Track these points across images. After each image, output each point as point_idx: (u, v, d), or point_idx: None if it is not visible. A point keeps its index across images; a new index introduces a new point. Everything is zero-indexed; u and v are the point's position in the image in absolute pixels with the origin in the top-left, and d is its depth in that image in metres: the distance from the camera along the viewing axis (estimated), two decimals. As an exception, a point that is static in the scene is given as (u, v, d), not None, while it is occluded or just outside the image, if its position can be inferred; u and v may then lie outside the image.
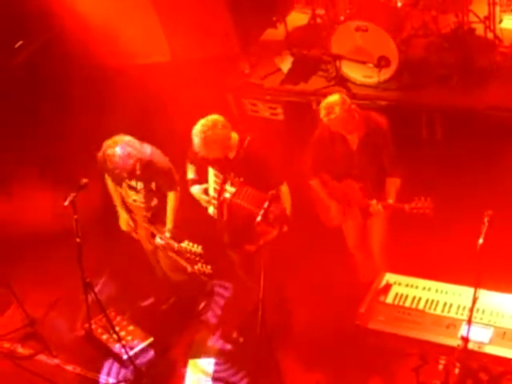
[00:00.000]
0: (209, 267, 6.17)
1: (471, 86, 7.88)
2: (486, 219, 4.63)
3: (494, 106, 7.61)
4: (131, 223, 6.83)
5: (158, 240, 6.55)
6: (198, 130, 5.92)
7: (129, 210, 6.80)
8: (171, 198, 6.51)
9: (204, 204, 6.38)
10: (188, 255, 6.19)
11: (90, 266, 6.20)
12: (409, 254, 6.83)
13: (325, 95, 6.12)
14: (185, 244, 6.19)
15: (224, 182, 6.08)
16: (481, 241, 4.53)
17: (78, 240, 5.85)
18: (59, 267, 7.53)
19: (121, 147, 6.12)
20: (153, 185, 6.48)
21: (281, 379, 5.38)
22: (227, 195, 6.05)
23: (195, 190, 6.40)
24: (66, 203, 5.87)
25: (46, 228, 7.79)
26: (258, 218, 5.28)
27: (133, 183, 6.48)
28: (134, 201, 6.63)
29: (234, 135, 6.06)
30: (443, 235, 6.87)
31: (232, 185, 6.02)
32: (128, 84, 8.39)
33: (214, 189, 6.24)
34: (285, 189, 6.11)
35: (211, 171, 6.24)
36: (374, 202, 5.98)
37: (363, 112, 6.08)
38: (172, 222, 6.51)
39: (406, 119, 7.81)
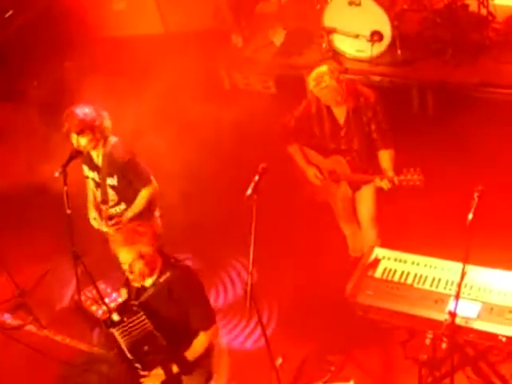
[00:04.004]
0: None
1: (464, 62, 7.89)
2: (475, 194, 4.63)
3: (486, 82, 7.62)
4: (98, 220, 6.50)
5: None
6: None
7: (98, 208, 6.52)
8: (141, 194, 6.22)
9: None
10: None
11: (81, 239, 6.19)
12: (398, 228, 6.84)
13: (308, 82, 6.08)
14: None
15: None
16: (470, 216, 4.54)
17: (68, 211, 5.82)
18: (50, 239, 7.52)
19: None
20: (113, 180, 6.19)
21: (270, 353, 5.40)
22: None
23: None
24: (57, 174, 5.84)
25: (37, 197, 7.77)
26: None
27: (91, 174, 6.29)
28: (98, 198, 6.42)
29: None
30: (433, 210, 6.89)
31: None
32: (121, 55, 8.34)
33: None
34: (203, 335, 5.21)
35: None
36: (377, 179, 5.97)
37: (351, 85, 6.06)
38: (129, 217, 6.25)
39: (397, 94, 7.81)
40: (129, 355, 5.13)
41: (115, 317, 5.00)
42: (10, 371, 6.80)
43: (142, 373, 5.18)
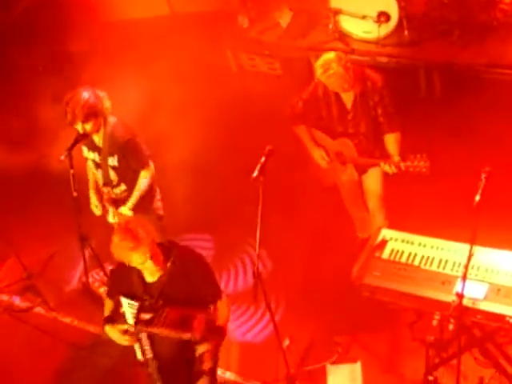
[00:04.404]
0: None
1: (471, 43, 7.84)
2: (483, 176, 4.61)
3: (493, 63, 7.58)
4: (100, 208, 6.48)
5: (109, 217, 6.31)
6: None
7: (99, 193, 6.49)
8: (140, 177, 6.18)
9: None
10: None
11: (88, 221, 6.20)
12: (405, 210, 6.84)
13: (324, 50, 6.06)
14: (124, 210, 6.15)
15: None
16: (477, 197, 4.53)
17: (74, 194, 5.83)
18: (58, 221, 7.52)
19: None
20: (114, 160, 6.15)
21: (277, 334, 5.42)
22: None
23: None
24: (62, 158, 5.84)
25: (45, 180, 7.78)
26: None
27: (91, 155, 6.24)
28: (99, 181, 6.37)
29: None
30: (440, 191, 6.88)
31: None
32: (126, 38, 8.32)
33: None
34: (221, 304, 5.20)
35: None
36: (383, 163, 5.96)
37: (358, 69, 6.04)
38: (133, 203, 6.22)
39: (404, 75, 7.78)
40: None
41: (145, 316, 4.93)
42: (18, 353, 6.83)
43: None
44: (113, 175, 6.23)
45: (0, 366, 6.79)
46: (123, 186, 6.28)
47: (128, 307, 5.01)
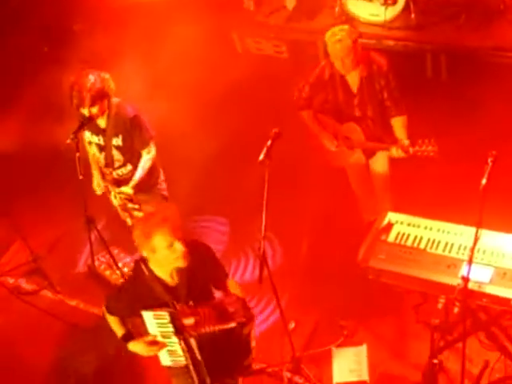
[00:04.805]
0: (141, 214, 6.15)
1: (478, 26, 7.81)
2: (489, 159, 4.60)
3: (500, 46, 7.55)
4: (102, 187, 6.49)
5: (112, 198, 6.33)
6: None
7: (103, 176, 6.51)
8: (143, 157, 6.19)
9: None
10: (131, 204, 6.18)
11: (94, 204, 6.21)
12: (411, 193, 6.85)
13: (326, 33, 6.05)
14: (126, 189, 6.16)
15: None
16: (484, 181, 4.52)
17: (80, 177, 5.84)
18: (65, 204, 7.54)
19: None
20: (118, 140, 6.15)
21: (283, 317, 5.44)
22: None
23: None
24: (69, 141, 5.84)
25: (52, 163, 7.78)
26: None
27: (95, 138, 6.24)
28: (101, 163, 6.37)
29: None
30: (446, 175, 6.88)
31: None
32: (130, 18, 8.28)
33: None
34: (231, 282, 5.12)
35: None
36: (393, 148, 5.96)
37: (364, 52, 6.03)
38: (135, 183, 6.19)
39: (411, 58, 7.76)
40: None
41: (188, 320, 4.68)
42: (23, 335, 6.86)
43: None
44: (117, 155, 6.23)
45: (5, 348, 6.84)
46: (129, 166, 6.29)
47: (154, 319, 4.73)
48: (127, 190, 6.15)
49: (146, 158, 6.19)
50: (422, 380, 5.63)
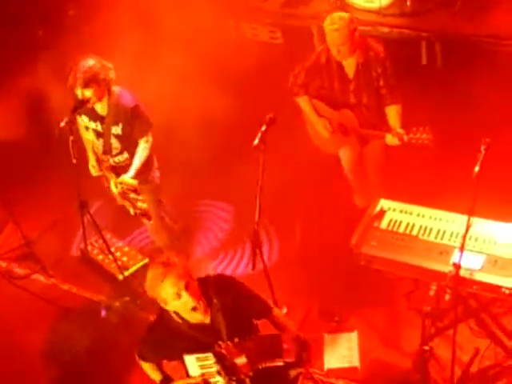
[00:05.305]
0: (145, 204, 6.17)
1: (473, 14, 7.77)
2: (482, 147, 4.60)
3: (495, 34, 7.53)
4: (97, 168, 6.50)
5: (111, 186, 6.28)
6: None
7: (99, 162, 6.50)
8: (140, 146, 6.19)
9: None
10: (133, 194, 6.16)
11: (87, 189, 6.20)
12: (404, 180, 6.86)
13: (325, 19, 6.03)
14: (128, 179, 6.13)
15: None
16: (477, 168, 4.52)
17: (74, 161, 5.83)
18: (58, 189, 7.53)
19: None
20: (118, 128, 6.15)
21: (275, 302, 5.44)
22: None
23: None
24: (62, 124, 5.82)
25: (46, 147, 7.76)
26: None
27: (92, 124, 6.24)
28: (99, 150, 6.38)
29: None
30: (439, 162, 6.89)
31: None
32: (126, 3, 8.22)
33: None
34: (277, 311, 4.86)
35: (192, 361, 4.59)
36: (389, 135, 5.96)
37: (361, 39, 6.02)
38: (134, 171, 6.16)
39: (406, 46, 7.74)
40: None
41: (240, 359, 4.41)
42: (15, 319, 6.86)
43: None
44: (115, 144, 6.24)
45: (-2, 332, 6.85)
46: (126, 154, 6.30)
47: (197, 361, 4.51)
48: (131, 181, 6.13)
49: (144, 147, 6.19)
50: (412, 367, 5.66)
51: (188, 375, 4.63)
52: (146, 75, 7.52)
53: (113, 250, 6.83)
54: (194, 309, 4.34)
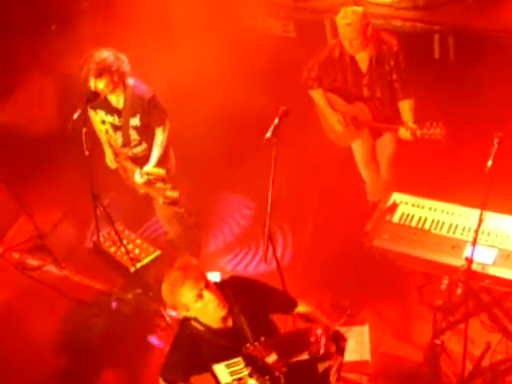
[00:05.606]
0: (175, 193, 6.19)
1: (486, 7, 7.73)
2: (495, 141, 4.59)
3: (508, 29, 7.48)
4: (114, 162, 6.56)
5: (136, 177, 6.28)
6: None
7: (116, 154, 6.56)
8: (158, 135, 6.27)
9: None
10: (159, 183, 6.19)
11: (100, 181, 6.22)
12: (417, 174, 6.85)
13: (338, 13, 6.02)
14: (153, 169, 6.16)
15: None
16: (490, 163, 4.51)
17: (86, 153, 5.84)
18: (71, 181, 7.54)
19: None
20: (136, 120, 6.19)
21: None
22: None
23: None
24: (75, 116, 5.84)
25: (60, 139, 7.78)
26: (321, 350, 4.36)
27: (109, 118, 6.27)
28: (117, 143, 6.42)
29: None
30: (452, 156, 6.88)
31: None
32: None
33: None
34: (303, 305, 4.81)
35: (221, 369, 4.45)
36: (403, 129, 5.95)
37: (375, 32, 6.01)
38: (156, 160, 6.24)
39: (418, 39, 7.71)
40: None
41: (271, 358, 4.31)
42: (29, 311, 6.89)
43: None
44: (134, 135, 6.29)
45: (9, 322, 6.87)
46: (144, 145, 6.35)
47: (227, 368, 4.40)
48: (159, 170, 6.16)
49: (162, 135, 6.25)
50: (423, 360, 5.67)
51: None
52: (159, 68, 7.53)
53: (125, 242, 6.85)
54: (218, 306, 4.25)
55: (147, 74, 6.41)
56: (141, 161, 6.34)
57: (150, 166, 6.22)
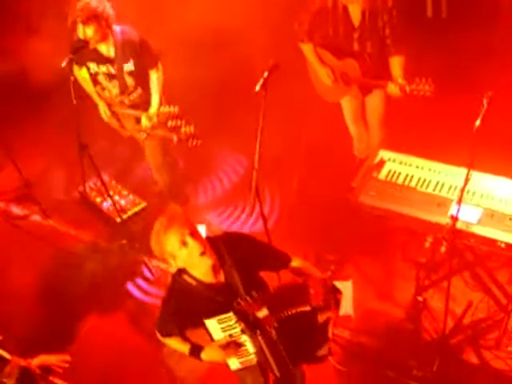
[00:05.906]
0: (191, 127, 6.04)
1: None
2: (485, 101, 4.57)
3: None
4: (108, 113, 6.55)
5: (143, 121, 6.27)
6: None
7: (109, 105, 6.54)
8: (153, 78, 6.27)
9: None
10: (170, 122, 6.14)
11: (87, 131, 6.18)
12: (405, 131, 6.84)
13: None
14: (164, 109, 6.09)
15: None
16: (478, 122, 4.50)
17: (74, 102, 5.80)
18: (59, 131, 7.50)
19: None
20: (129, 65, 6.17)
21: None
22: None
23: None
24: (64, 64, 5.79)
25: (46, 89, 7.72)
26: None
27: (102, 68, 6.22)
28: (113, 92, 6.38)
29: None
30: (441, 114, 6.86)
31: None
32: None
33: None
34: (297, 260, 4.69)
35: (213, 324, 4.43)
36: (392, 85, 5.92)
37: None
38: (158, 104, 6.26)
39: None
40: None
41: (261, 312, 4.27)
42: (14, 260, 6.89)
43: None
44: (130, 81, 6.27)
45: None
46: (139, 90, 6.35)
47: (219, 323, 4.37)
48: (170, 108, 6.06)
49: (157, 77, 6.28)
50: (405, 317, 5.73)
51: (213, 340, 4.48)
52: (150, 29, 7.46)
53: (111, 192, 6.84)
54: (203, 254, 4.20)
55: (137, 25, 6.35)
56: (140, 107, 6.35)
57: (155, 108, 6.23)
